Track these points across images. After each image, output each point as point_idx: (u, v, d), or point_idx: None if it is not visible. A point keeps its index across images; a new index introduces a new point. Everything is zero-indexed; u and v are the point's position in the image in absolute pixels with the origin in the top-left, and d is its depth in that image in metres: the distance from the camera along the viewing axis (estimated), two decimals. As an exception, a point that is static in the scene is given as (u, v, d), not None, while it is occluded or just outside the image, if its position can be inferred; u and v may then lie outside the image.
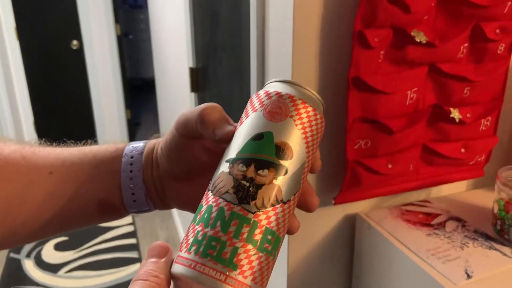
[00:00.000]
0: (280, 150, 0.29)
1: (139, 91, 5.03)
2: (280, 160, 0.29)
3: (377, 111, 0.68)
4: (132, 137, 3.95)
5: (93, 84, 3.52)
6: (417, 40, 0.65)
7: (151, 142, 0.38)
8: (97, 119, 3.64)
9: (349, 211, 0.78)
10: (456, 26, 0.69)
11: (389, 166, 0.72)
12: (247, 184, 0.28)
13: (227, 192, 0.28)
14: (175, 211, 2.49)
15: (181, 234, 2.28)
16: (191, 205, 0.35)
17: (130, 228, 2.43)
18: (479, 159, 0.80)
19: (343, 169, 0.71)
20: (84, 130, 3.67)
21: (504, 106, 0.81)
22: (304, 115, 0.30)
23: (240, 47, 0.94)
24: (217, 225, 0.28)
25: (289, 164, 0.30)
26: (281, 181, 0.29)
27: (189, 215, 0.33)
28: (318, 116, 0.31)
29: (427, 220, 0.73)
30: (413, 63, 0.68)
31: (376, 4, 0.61)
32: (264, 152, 0.29)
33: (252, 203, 0.28)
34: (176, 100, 1.88)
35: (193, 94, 1.43)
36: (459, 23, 0.69)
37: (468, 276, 0.59)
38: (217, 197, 0.29)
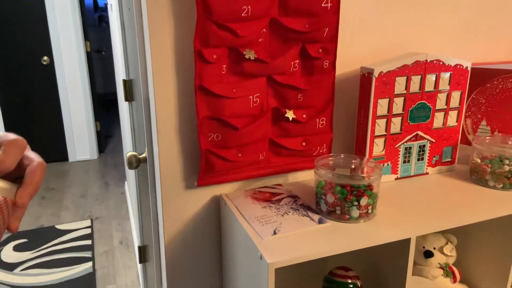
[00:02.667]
0: None
1: (113, 105, 5.21)
2: None
3: (222, 111, 0.88)
4: (101, 148, 4.11)
5: (63, 98, 3.69)
6: (247, 57, 0.86)
7: None
8: (67, 132, 3.81)
9: (216, 192, 0.97)
10: (285, 47, 0.90)
11: (239, 155, 0.92)
12: None
13: None
14: (131, 215, 2.65)
15: (134, 235, 2.44)
16: None
17: (87, 231, 2.58)
18: (321, 151, 1.00)
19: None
20: (54, 142, 3.82)
21: (342, 107, 1.02)
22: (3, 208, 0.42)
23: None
24: None
25: None
26: None
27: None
28: (7, 200, 0.42)
29: (270, 197, 0.93)
30: (251, 74, 0.89)
31: (208, 30, 0.81)
32: None
33: None
34: (122, 110, 2.07)
35: (127, 103, 1.62)
36: (287, 45, 0.90)
37: (274, 233, 0.78)
38: None
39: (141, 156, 1.13)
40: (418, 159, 1.02)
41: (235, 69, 0.88)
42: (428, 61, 0.94)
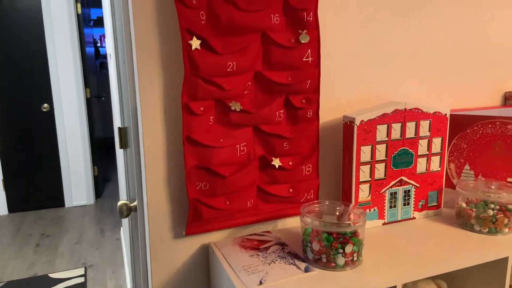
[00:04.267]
0: None
1: (112, 149, 5.26)
2: None
3: (210, 160, 0.90)
4: (98, 192, 4.11)
5: (61, 144, 3.74)
6: (233, 108, 0.89)
7: None
8: (64, 177, 3.82)
9: (204, 241, 0.98)
10: (269, 98, 0.94)
11: (227, 203, 0.93)
12: None
13: None
14: (126, 262, 2.61)
15: (128, 283, 2.39)
16: None
17: (81, 280, 2.53)
18: (308, 197, 1.02)
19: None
20: (51, 188, 3.82)
21: (328, 153, 1.05)
22: None
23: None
24: None
25: None
26: None
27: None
28: None
29: (258, 245, 0.93)
30: (238, 124, 0.92)
31: (195, 84, 0.86)
32: None
33: None
34: (118, 156, 2.10)
35: (122, 150, 1.65)
36: (272, 96, 0.94)
37: (260, 283, 0.78)
38: None
39: (132, 204, 1.14)
40: (404, 204, 1.03)
41: (222, 120, 0.91)
42: (407, 109, 0.98)
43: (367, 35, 1.04)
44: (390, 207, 1.02)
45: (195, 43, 0.84)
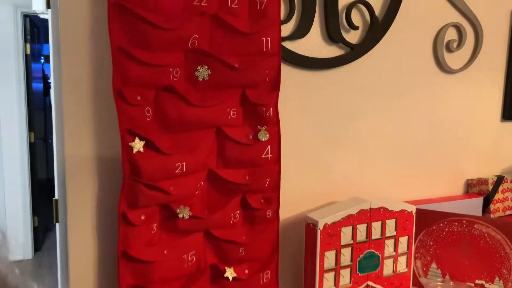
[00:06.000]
0: None
1: (58, 193, 4.89)
2: None
3: (150, 278, 0.76)
4: (38, 245, 3.75)
5: (-2, 192, 3.40)
6: (180, 216, 0.77)
7: None
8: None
9: None
10: (224, 199, 0.83)
11: (170, 326, 0.79)
12: None
13: None
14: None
15: None
16: None
17: None
18: (266, 308, 0.90)
19: (125, 330, 0.77)
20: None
21: (289, 255, 0.95)
22: None
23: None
24: None
25: None
26: None
27: None
28: None
29: None
30: (186, 231, 0.80)
31: (136, 190, 0.73)
32: None
33: None
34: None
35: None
36: (227, 197, 0.83)
37: None
38: None
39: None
40: (371, 311, 0.94)
41: (167, 227, 0.79)
42: (373, 208, 0.91)
43: (325, 130, 0.97)
44: (356, 316, 0.92)
45: (138, 145, 0.72)
